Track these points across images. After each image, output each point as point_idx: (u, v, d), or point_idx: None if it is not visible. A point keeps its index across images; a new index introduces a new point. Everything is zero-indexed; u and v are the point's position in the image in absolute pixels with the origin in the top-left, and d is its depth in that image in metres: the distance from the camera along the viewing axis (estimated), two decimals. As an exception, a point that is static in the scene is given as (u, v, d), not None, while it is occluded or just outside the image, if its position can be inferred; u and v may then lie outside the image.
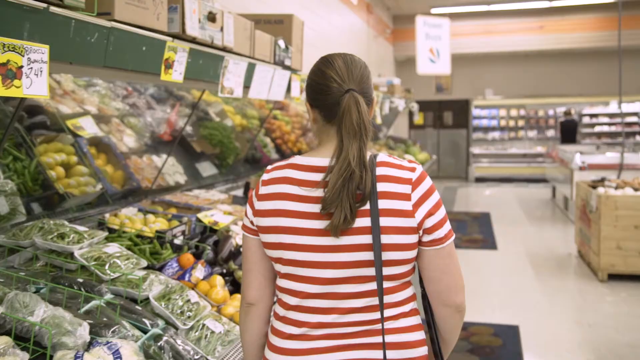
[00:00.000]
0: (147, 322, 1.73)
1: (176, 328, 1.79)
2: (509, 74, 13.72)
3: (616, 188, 5.41)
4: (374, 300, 1.22)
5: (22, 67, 1.22)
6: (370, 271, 1.21)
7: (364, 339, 1.22)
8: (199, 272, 2.10)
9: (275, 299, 1.36)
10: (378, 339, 1.22)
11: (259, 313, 1.34)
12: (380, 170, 1.22)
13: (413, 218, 1.20)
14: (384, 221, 1.19)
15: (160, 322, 1.77)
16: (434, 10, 11.50)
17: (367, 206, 1.19)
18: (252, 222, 1.30)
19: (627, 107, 12.56)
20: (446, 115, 14.39)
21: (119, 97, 3.49)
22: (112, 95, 3.44)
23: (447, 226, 1.26)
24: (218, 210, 2.96)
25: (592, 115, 13.11)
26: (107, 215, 2.52)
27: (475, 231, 7.49)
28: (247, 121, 4.95)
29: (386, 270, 1.21)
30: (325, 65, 1.27)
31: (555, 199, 9.84)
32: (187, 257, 2.19)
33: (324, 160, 1.24)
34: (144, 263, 2.02)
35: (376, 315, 1.22)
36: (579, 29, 12.24)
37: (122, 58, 1.75)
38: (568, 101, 13.19)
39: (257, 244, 1.31)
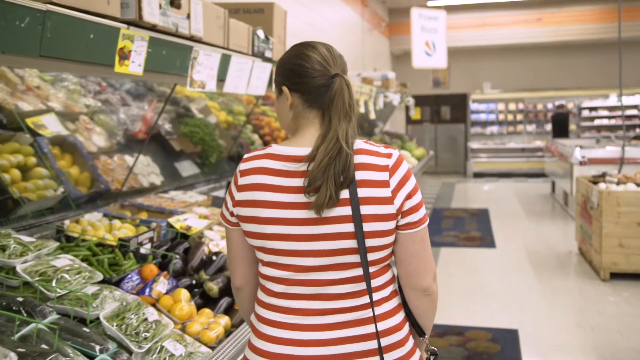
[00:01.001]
0: (95, 346, 1.53)
1: (130, 352, 1.59)
2: (506, 68, 13.49)
3: (618, 184, 5.21)
4: (358, 286, 1.23)
5: None
6: (352, 258, 1.22)
7: (355, 329, 1.23)
8: (161, 285, 1.90)
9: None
10: (368, 329, 1.23)
11: (248, 294, 1.38)
12: (357, 159, 1.22)
13: (392, 205, 1.22)
14: (364, 209, 1.20)
15: (112, 346, 1.57)
16: (430, 3, 11.27)
17: (347, 194, 1.19)
18: (232, 214, 1.29)
19: (627, 100, 12.35)
20: (444, 109, 14.17)
21: (90, 93, 3.29)
22: (83, 91, 3.23)
23: (422, 211, 1.28)
24: (193, 214, 2.76)
25: (591, 109, 12.90)
26: (67, 222, 2.32)
27: (474, 228, 7.29)
28: (233, 117, 4.74)
29: (368, 257, 1.23)
30: (308, 49, 1.28)
31: (555, 194, 9.64)
32: (150, 269, 1.99)
33: (303, 150, 1.23)
34: (99, 276, 1.81)
35: (362, 300, 1.24)
36: (577, 21, 12.02)
37: (65, 47, 1.54)
38: (567, 94, 12.98)
39: (238, 234, 1.31)
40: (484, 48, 13.13)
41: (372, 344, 1.23)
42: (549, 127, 13.23)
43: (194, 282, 2.14)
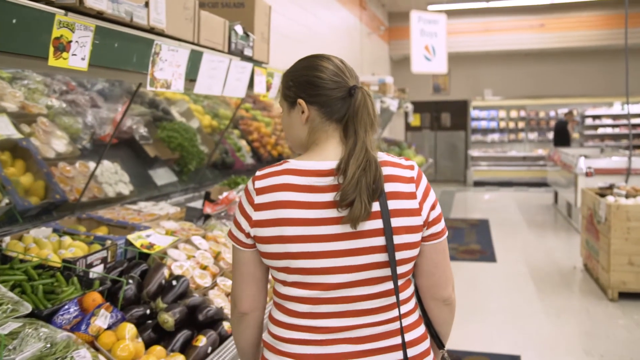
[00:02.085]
0: (4, 401, 1.23)
1: (49, 407, 1.29)
2: (508, 74, 13.21)
3: (627, 196, 4.91)
4: (386, 301, 1.23)
5: None
6: (382, 272, 1.21)
7: (382, 342, 1.23)
8: (102, 319, 1.60)
9: (269, 305, 1.33)
10: (395, 341, 1.23)
11: (253, 321, 1.31)
12: (384, 170, 1.21)
13: (420, 216, 1.22)
14: (395, 222, 1.19)
15: (27, 400, 1.27)
16: (430, 7, 11.00)
17: (377, 207, 1.18)
18: (247, 235, 1.23)
19: (632, 109, 12.07)
20: (444, 116, 13.88)
21: (55, 93, 3.00)
22: (47, 90, 2.94)
23: (443, 222, 1.30)
24: (160, 229, 2.47)
25: (595, 117, 12.61)
26: (7, 239, 2.02)
27: (473, 240, 6.98)
28: (218, 122, 4.45)
29: (398, 270, 1.22)
30: (322, 60, 1.26)
31: (558, 204, 9.33)
32: (93, 298, 1.69)
33: (327, 164, 1.21)
34: (27, 309, 1.52)
35: (389, 314, 1.24)
36: (581, 27, 11.75)
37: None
38: (570, 102, 12.70)
39: (251, 257, 1.26)
40: (485, 54, 12.86)
41: (398, 355, 1.23)
42: (551, 135, 12.94)
43: (148, 311, 1.85)
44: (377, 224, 1.18)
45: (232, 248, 1.30)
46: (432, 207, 1.25)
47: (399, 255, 1.20)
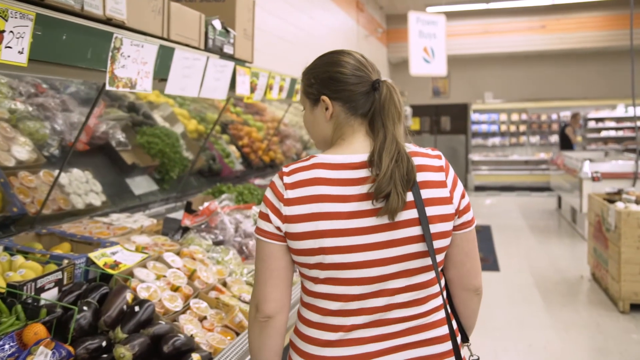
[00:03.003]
0: None
1: None
2: (509, 76, 12.98)
3: (637, 202, 4.66)
4: (424, 292, 1.22)
5: None
6: (419, 263, 1.20)
7: (422, 334, 1.21)
8: (41, 357, 1.36)
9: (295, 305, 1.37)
10: (436, 332, 1.22)
11: (277, 326, 1.24)
12: (415, 160, 1.21)
13: (452, 204, 1.23)
14: (430, 210, 1.19)
15: None
16: (429, 9, 10.79)
17: (411, 197, 1.18)
18: (278, 229, 1.20)
19: (638, 111, 11.83)
20: (444, 120, 13.64)
21: (21, 96, 2.77)
22: (12, 93, 2.71)
23: (472, 210, 1.30)
24: (129, 244, 2.22)
25: (597, 120, 12.38)
26: (-53, 260, 1.78)
27: (475, 248, 6.73)
28: (205, 126, 4.22)
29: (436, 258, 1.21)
30: (343, 55, 1.26)
31: (561, 209, 9.08)
32: (35, 330, 1.45)
33: (355, 157, 1.21)
34: (-51, 347, 1.28)
35: (426, 307, 1.22)
36: (583, 28, 11.54)
37: None
38: (572, 104, 12.48)
39: (283, 250, 1.22)
40: (485, 56, 12.64)
41: (440, 348, 1.22)
42: (553, 138, 12.72)
43: (104, 343, 1.60)
44: (412, 213, 1.18)
45: (257, 245, 1.24)
46: (462, 196, 1.26)
47: (437, 244, 1.20)
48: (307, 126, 1.33)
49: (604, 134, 12.29)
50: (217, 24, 2.40)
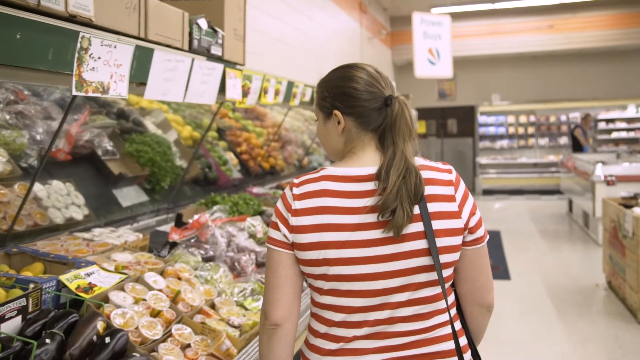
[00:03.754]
0: None
1: None
2: (517, 78, 12.74)
3: (655, 207, 4.44)
4: (430, 307, 1.21)
5: None
6: (424, 277, 1.19)
7: (425, 348, 1.20)
8: (-15, 407, 1.18)
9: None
10: (441, 347, 1.21)
11: (285, 335, 1.23)
12: (422, 174, 1.21)
13: (460, 219, 1.22)
14: (436, 224, 1.19)
15: None
16: (434, 10, 10.60)
17: (417, 210, 1.18)
18: (286, 237, 1.22)
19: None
20: (450, 123, 13.41)
21: (0, 103, 2.60)
22: (-11, 101, 2.54)
23: (484, 225, 1.29)
24: (108, 263, 2.05)
25: (608, 121, 12.11)
26: None
27: (484, 255, 6.51)
28: (200, 133, 4.04)
29: (443, 273, 1.20)
30: (356, 70, 1.26)
31: (573, 213, 8.83)
32: (-17, 372, 1.27)
33: (363, 170, 1.22)
34: None
35: (431, 322, 1.21)
36: (591, 27, 11.30)
37: None
38: (581, 105, 12.22)
39: (291, 258, 1.23)
40: (492, 57, 12.42)
41: None
42: (562, 140, 12.46)
43: (68, 382, 1.42)
44: (418, 226, 1.17)
45: (267, 254, 1.25)
46: (472, 212, 1.25)
47: (443, 258, 1.19)
48: (319, 137, 1.34)
49: (614, 135, 12.02)
50: (202, 23, 2.22)
